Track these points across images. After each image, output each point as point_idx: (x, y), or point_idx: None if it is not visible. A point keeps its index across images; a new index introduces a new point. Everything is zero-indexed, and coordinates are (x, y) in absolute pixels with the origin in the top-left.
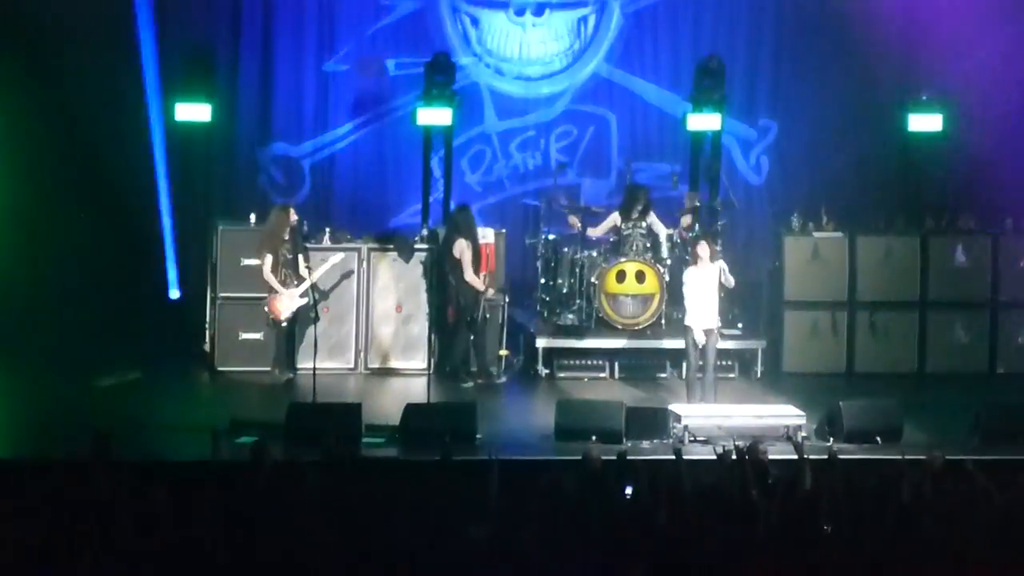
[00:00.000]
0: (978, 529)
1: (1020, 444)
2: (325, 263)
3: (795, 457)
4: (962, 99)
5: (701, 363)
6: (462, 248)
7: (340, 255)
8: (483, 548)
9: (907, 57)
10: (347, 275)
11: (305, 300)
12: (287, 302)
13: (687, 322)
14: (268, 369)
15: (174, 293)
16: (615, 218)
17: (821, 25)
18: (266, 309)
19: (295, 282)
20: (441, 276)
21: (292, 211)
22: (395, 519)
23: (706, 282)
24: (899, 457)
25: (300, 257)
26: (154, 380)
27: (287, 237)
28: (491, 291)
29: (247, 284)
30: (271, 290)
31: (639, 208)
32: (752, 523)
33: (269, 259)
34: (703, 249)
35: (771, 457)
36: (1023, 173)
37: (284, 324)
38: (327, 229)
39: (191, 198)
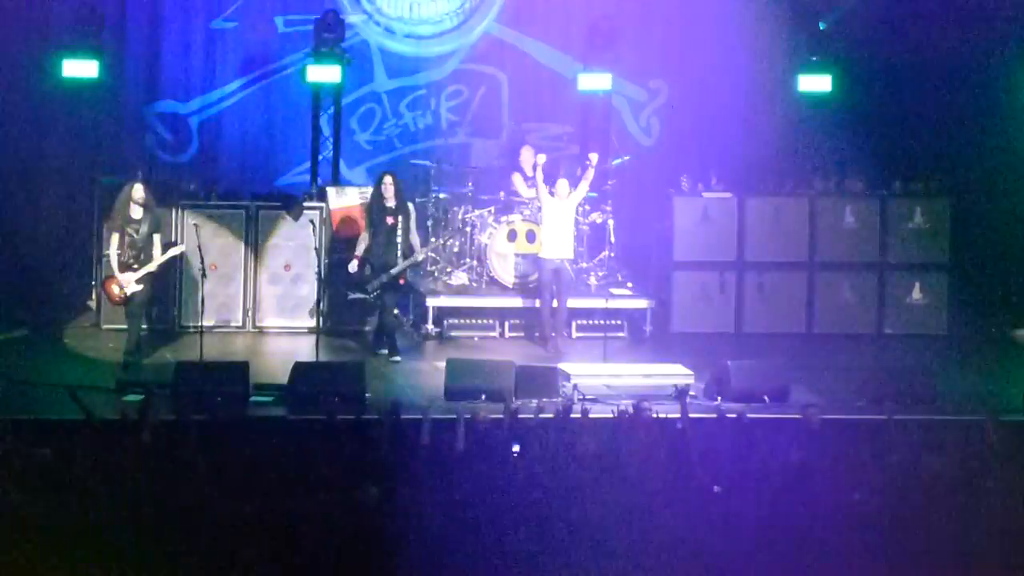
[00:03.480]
0: (867, 489)
1: (906, 405)
2: (167, 252)
3: (682, 416)
4: (851, 60)
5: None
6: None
7: (182, 247)
8: (372, 508)
9: (797, 18)
10: (234, 235)
11: (141, 287)
12: (123, 285)
13: (540, 254)
14: (159, 326)
15: None
16: (518, 178)
17: None
18: (102, 289)
19: (137, 265)
20: None
21: (139, 187)
22: (283, 479)
23: (562, 214)
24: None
25: (155, 237)
26: (39, 337)
27: (136, 216)
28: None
29: None
30: (111, 269)
31: (532, 166)
32: (638, 483)
33: (115, 237)
34: (562, 185)
35: (659, 416)
36: (912, 135)
37: (121, 305)
38: (215, 187)
39: (78, 155)
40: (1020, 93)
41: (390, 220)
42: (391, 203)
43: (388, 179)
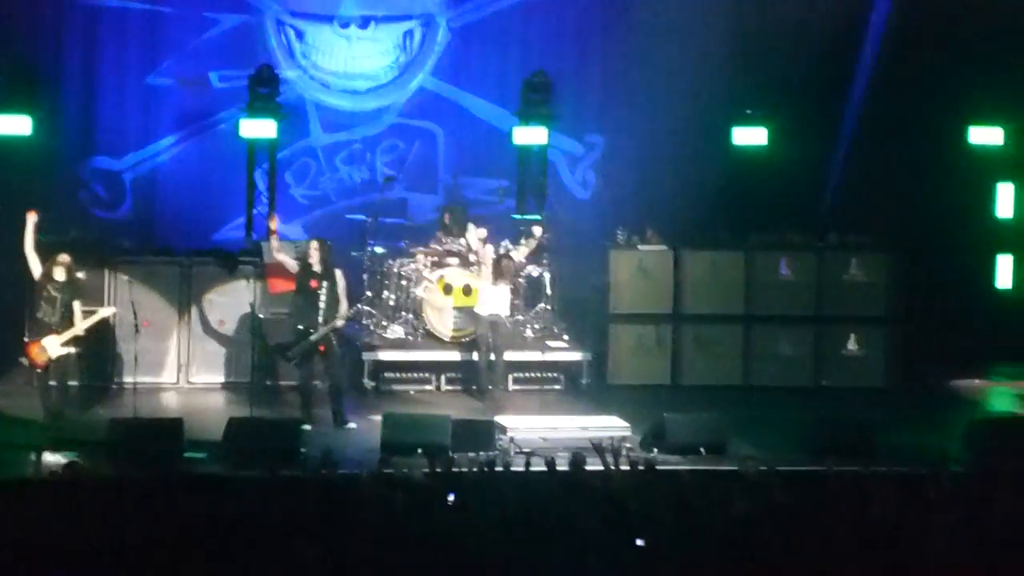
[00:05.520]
0: (809, 541)
1: (844, 456)
2: (94, 315)
3: (621, 469)
4: (786, 113)
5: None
6: None
7: (112, 309)
8: (309, 564)
9: (732, 72)
10: (168, 291)
11: (67, 351)
12: (45, 348)
13: (477, 310)
14: (92, 383)
15: None
16: (439, 236)
17: (647, 42)
18: (23, 358)
19: (60, 328)
20: None
21: (65, 255)
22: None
23: (498, 287)
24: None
25: (75, 304)
26: None
27: (59, 277)
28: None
29: None
30: (34, 333)
31: (454, 226)
32: (574, 536)
33: (37, 296)
34: (506, 268)
35: (593, 469)
36: (847, 187)
37: (41, 372)
38: (149, 243)
39: (10, 212)
40: (956, 147)
41: (313, 283)
42: (316, 268)
43: (315, 244)
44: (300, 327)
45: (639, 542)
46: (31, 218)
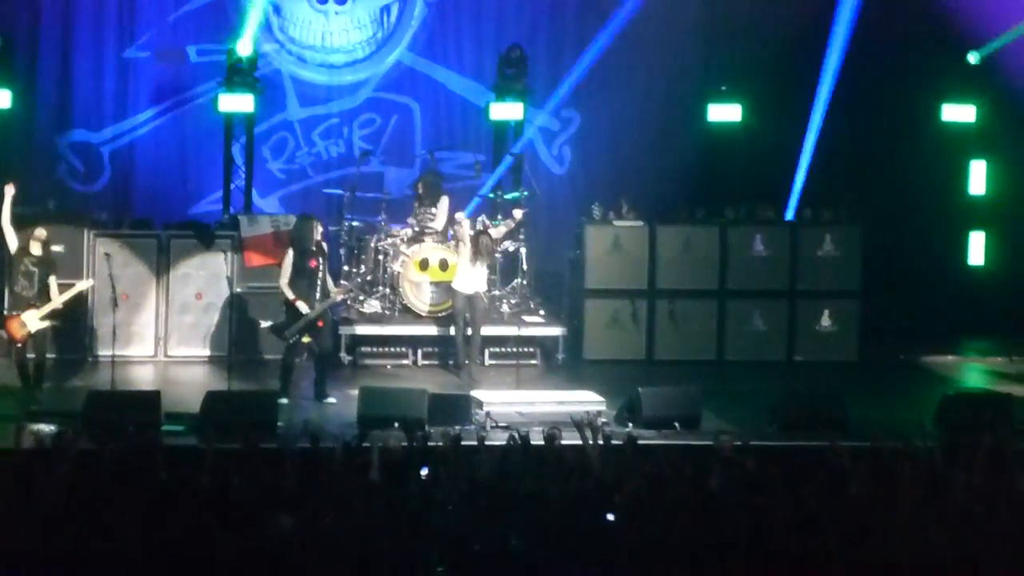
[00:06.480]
0: (777, 519)
1: (817, 431)
2: (72, 288)
3: (594, 443)
4: (760, 89)
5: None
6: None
7: (89, 281)
8: (286, 536)
9: (707, 49)
10: (146, 264)
11: (46, 324)
12: (25, 323)
13: (454, 285)
14: (70, 356)
15: None
16: (415, 207)
17: (623, 17)
18: (2, 332)
19: (38, 302)
20: None
21: (42, 230)
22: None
23: (476, 265)
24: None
25: (51, 279)
26: None
27: (35, 252)
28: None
29: None
30: (13, 307)
31: (427, 196)
32: (545, 508)
33: (12, 269)
34: (484, 246)
35: (567, 443)
36: (821, 163)
37: (20, 346)
38: (127, 216)
39: None
40: (929, 124)
41: (313, 263)
42: (313, 247)
43: (317, 223)
44: (306, 309)
45: (610, 516)
46: (8, 191)
